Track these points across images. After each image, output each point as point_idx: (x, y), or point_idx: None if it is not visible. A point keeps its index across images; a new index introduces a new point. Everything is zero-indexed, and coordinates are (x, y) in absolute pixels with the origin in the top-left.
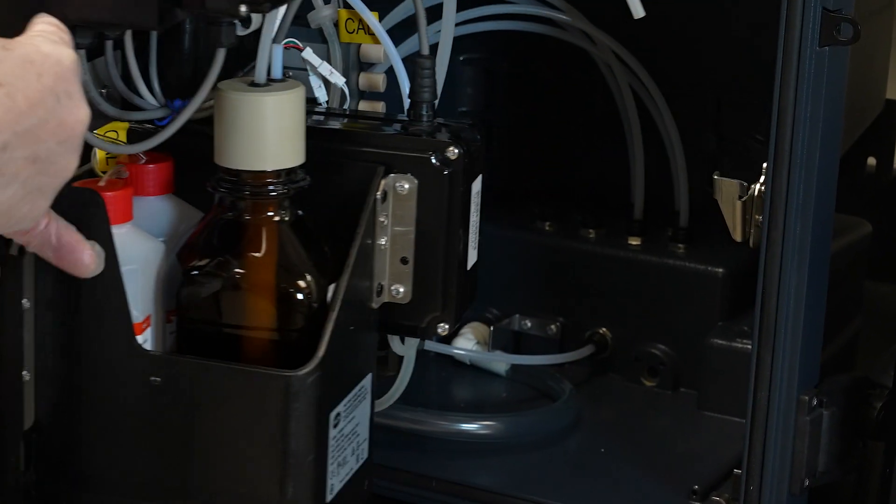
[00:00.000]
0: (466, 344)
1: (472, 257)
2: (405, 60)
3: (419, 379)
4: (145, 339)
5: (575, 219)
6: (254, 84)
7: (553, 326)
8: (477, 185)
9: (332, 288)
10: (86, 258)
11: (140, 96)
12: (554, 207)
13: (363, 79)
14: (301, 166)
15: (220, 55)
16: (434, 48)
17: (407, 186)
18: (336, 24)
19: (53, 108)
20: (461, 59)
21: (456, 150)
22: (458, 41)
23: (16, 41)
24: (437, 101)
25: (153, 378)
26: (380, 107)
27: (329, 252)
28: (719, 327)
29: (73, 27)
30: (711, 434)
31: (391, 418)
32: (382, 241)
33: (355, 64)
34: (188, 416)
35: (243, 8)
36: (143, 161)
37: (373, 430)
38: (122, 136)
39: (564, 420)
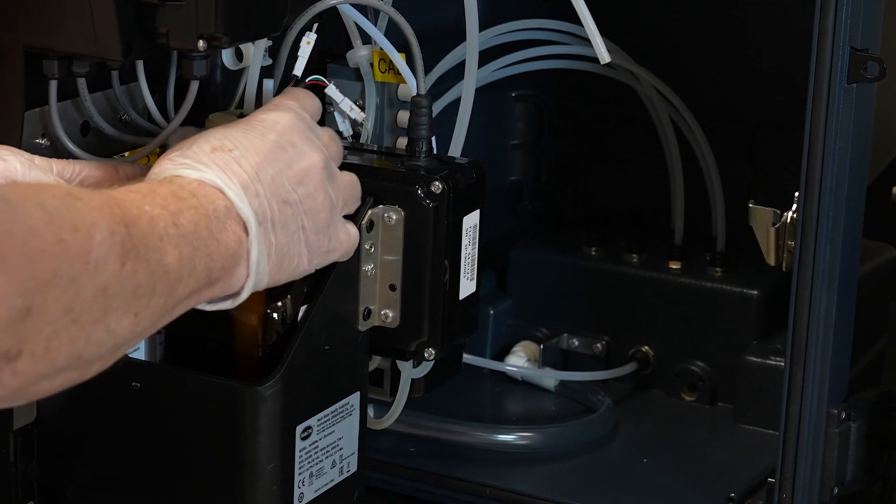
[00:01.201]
0: (518, 361)
1: (468, 288)
2: (454, 104)
3: (475, 393)
4: (137, 347)
5: (619, 244)
6: (243, 115)
7: (599, 345)
8: (472, 220)
9: (303, 308)
10: None
11: (155, 123)
12: (599, 234)
13: (400, 116)
14: None
15: (194, 86)
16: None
17: (394, 217)
18: (371, 64)
19: (284, 159)
20: (513, 95)
21: (440, 185)
22: (510, 79)
23: (236, 121)
24: (434, 137)
25: (134, 383)
26: None
27: (312, 275)
28: (754, 345)
29: (61, 57)
30: (747, 445)
31: (442, 431)
32: (369, 268)
33: (394, 102)
34: (163, 420)
35: (201, 43)
36: None
37: (364, 444)
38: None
39: (600, 431)
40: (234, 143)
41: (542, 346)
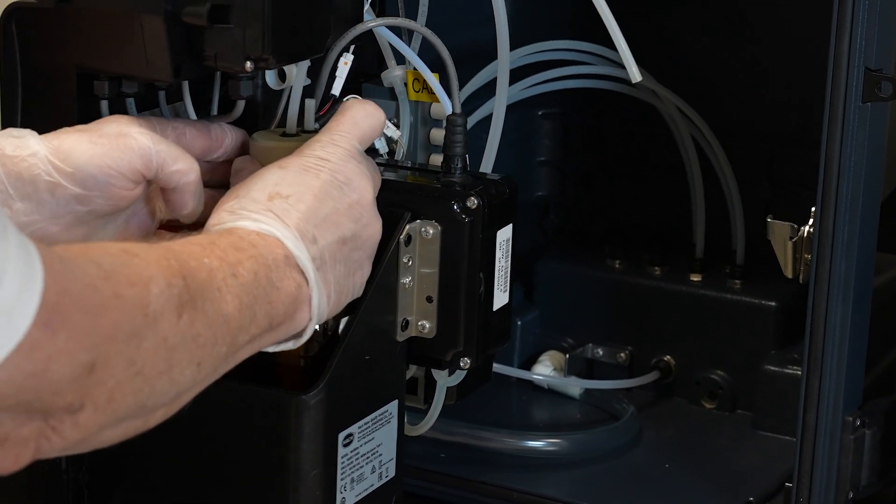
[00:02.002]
0: (544, 370)
1: (501, 300)
2: (484, 121)
3: (503, 401)
4: None
5: (642, 257)
6: (285, 134)
7: (622, 354)
8: (505, 234)
9: (344, 320)
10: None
11: None
12: (623, 247)
13: (433, 134)
14: None
15: (240, 105)
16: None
17: (431, 231)
18: (406, 84)
19: (338, 196)
20: (540, 113)
21: (476, 200)
22: (537, 98)
23: (289, 159)
24: (468, 155)
25: None
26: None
27: None
28: (772, 355)
29: (111, 77)
30: (765, 451)
31: (472, 438)
32: (407, 280)
33: (427, 120)
34: (209, 428)
35: (249, 64)
36: None
37: (402, 450)
38: None
39: (624, 438)
40: (290, 188)
41: (567, 356)
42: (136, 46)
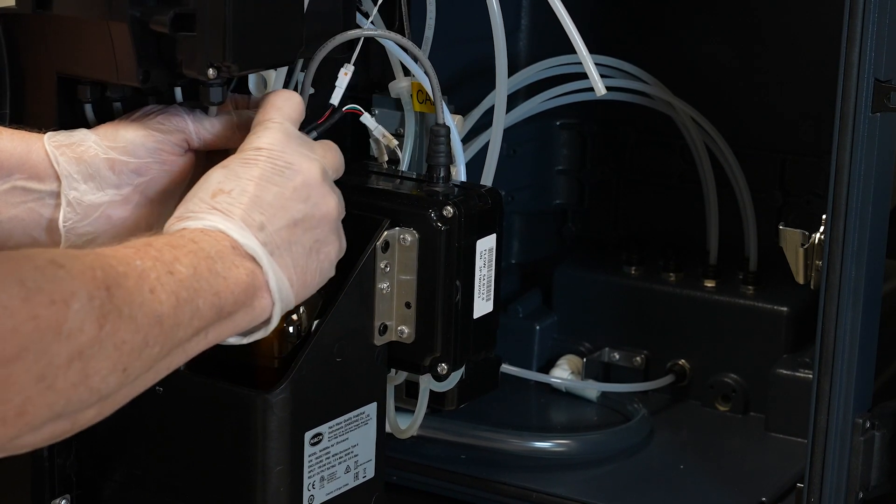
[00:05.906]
0: (562, 373)
1: (484, 308)
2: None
3: (522, 404)
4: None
5: (657, 264)
6: None
7: (638, 358)
8: (487, 243)
9: (317, 322)
10: None
11: None
12: (639, 254)
13: None
14: None
15: (212, 112)
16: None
17: (409, 239)
18: (411, 95)
19: (281, 181)
20: (558, 124)
21: (451, 210)
22: (555, 109)
23: (230, 158)
24: (451, 165)
25: (158, 387)
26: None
27: (324, 291)
28: (784, 359)
29: (94, 82)
30: (777, 452)
31: (488, 440)
32: (384, 286)
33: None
34: (183, 422)
35: (211, 71)
36: None
37: (382, 451)
38: None
39: (634, 439)
40: (232, 183)
41: (584, 360)
42: (106, 52)
